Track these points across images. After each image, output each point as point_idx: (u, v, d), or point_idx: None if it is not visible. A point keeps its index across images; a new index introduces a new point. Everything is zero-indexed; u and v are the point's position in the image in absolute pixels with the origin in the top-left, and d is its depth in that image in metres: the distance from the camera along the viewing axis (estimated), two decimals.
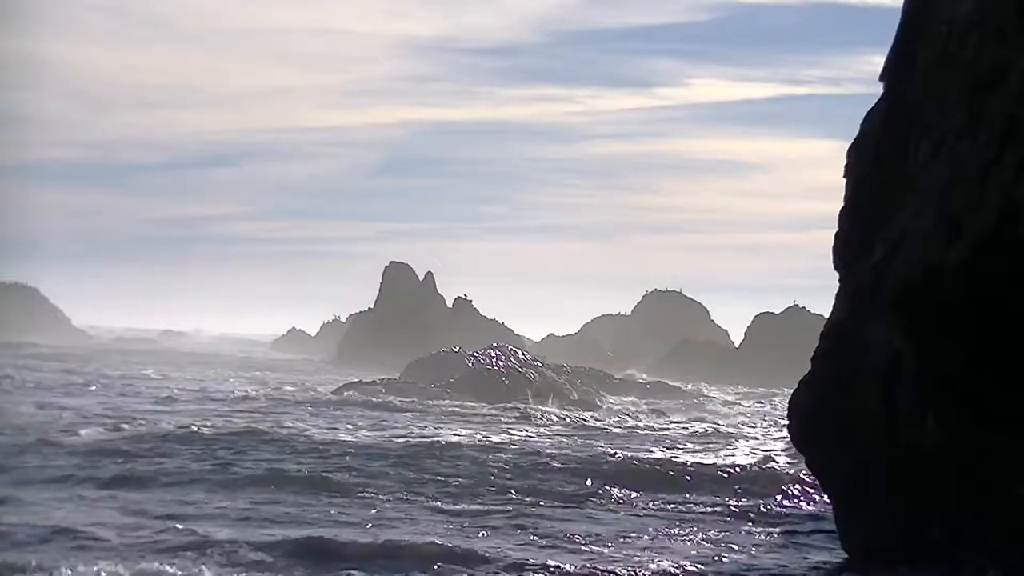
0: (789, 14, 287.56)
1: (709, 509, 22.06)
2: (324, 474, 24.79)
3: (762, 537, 19.26)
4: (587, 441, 35.56)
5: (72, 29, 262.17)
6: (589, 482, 24.79)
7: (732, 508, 22.23)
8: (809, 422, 17.77)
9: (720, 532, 19.52)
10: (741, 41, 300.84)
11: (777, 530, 19.98)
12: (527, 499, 22.56)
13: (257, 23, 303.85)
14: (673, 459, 29.83)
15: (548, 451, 30.88)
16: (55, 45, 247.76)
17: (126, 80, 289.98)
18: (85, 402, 45.59)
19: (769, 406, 59.18)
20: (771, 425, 44.57)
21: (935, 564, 14.53)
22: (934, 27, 15.87)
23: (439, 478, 25.00)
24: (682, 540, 18.77)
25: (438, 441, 32.65)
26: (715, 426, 44.83)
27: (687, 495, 23.63)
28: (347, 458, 27.76)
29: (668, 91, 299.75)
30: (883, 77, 17.44)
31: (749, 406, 61.53)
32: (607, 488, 23.97)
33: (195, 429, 33.46)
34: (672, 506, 22.34)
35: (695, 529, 19.76)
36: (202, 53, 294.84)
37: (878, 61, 20.11)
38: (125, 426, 34.20)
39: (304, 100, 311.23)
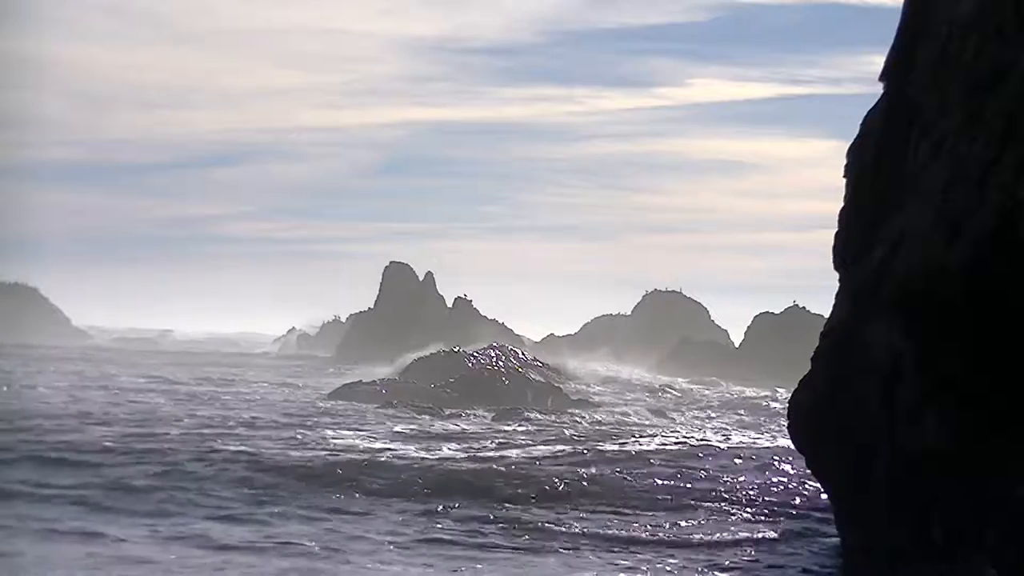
0: (789, 14, 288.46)
1: (707, 508, 22.04)
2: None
3: (761, 536, 19.25)
4: (583, 443, 35.50)
5: (72, 29, 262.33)
6: (584, 483, 24.76)
7: (730, 507, 22.21)
8: (809, 422, 17.78)
9: (719, 532, 19.51)
10: (741, 41, 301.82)
11: (776, 529, 19.97)
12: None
13: (257, 23, 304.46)
14: (669, 459, 29.81)
15: (543, 454, 30.88)
16: (55, 45, 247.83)
17: (126, 80, 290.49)
18: None
19: (774, 405, 58.92)
20: (774, 427, 44.51)
21: (935, 564, 14.53)
22: (934, 27, 15.88)
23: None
24: (679, 540, 18.75)
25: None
26: (712, 425, 44.82)
27: (683, 495, 23.60)
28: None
29: (668, 91, 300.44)
30: (883, 77, 17.45)
31: (750, 404, 61.35)
32: (601, 487, 23.96)
33: None
34: (667, 506, 22.31)
35: (692, 529, 19.76)
36: (202, 53, 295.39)
37: (878, 61, 20.15)
38: None
39: (304, 100, 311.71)
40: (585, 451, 31.37)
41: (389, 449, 31.41)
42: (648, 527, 19.90)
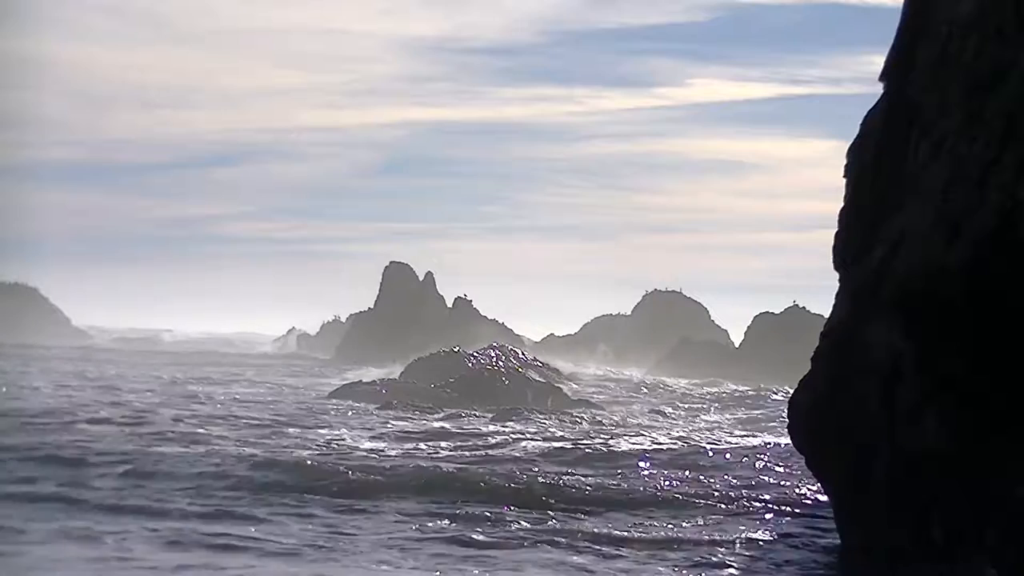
0: (789, 14, 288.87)
1: (705, 507, 22.03)
2: None
3: (760, 536, 19.25)
4: (583, 442, 35.52)
5: (72, 29, 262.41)
6: (583, 482, 24.74)
7: (729, 507, 22.20)
8: (809, 422, 17.77)
9: (717, 531, 19.50)
10: (741, 41, 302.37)
11: (775, 529, 19.97)
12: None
13: (257, 23, 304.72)
14: (668, 458, 29.82)
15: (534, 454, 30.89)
16: (55, 45, 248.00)
17: (126, 80, 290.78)
18: None
19: (773, 404, 58.90)
20: (774, 426, 44.51)
21: (935, 564, 14.52)
22: (934, 27, 15.88)
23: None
24: (677, 540, 18.74)
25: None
26: (712, 425, 44.81)
27: (682, 494, 23.59)
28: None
29: (668, 91, 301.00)
30: (883, 77, 17.45)
31: (750, 404, 61.33)
32: (599, 487, 23.95)
33: None
34: (665, 505, 22.30)
35: (690, 529, 19.75)
36: (202, 53, 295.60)
37: (878, 61, 20.15)
38: None
39: (304, 100, 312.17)
40: (584, 450, 31.37)
41: (389, 449, 31.42)
42: (646, 526, 19.90)
